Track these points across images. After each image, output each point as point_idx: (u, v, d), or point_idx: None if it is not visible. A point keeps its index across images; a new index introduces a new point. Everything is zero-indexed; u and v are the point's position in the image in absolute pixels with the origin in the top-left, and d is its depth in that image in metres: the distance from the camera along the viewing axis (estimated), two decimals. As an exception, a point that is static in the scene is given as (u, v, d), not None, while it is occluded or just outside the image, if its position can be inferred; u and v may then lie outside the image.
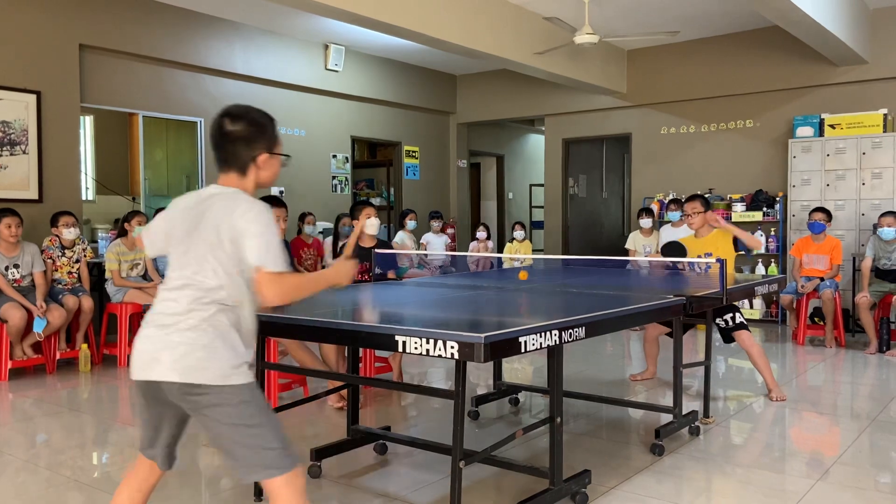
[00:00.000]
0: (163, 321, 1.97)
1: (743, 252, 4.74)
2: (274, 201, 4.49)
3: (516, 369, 5.71)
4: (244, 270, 1.97)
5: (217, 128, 2.07)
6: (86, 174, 7.41)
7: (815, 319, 6.86)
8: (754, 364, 4.69)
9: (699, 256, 4.76)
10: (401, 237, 8.20)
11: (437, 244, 8.54)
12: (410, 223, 8.14)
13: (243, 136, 2.05)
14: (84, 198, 7.04)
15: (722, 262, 3.46)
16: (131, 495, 2.18)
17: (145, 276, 6.12)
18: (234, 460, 1.99)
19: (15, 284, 5.42)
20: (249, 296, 2.01)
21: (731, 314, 4.51)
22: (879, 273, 6.38)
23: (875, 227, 6.49)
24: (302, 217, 7.51)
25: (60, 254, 5.79)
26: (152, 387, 1.99)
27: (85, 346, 5.65)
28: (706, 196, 4.96)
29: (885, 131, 7.27)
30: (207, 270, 1.97)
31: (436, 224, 8.64)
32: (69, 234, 5.75)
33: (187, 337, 1.92)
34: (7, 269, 5.41)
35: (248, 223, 1.95)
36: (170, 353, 1.92)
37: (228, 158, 2.07)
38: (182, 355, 1.91)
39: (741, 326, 4.56)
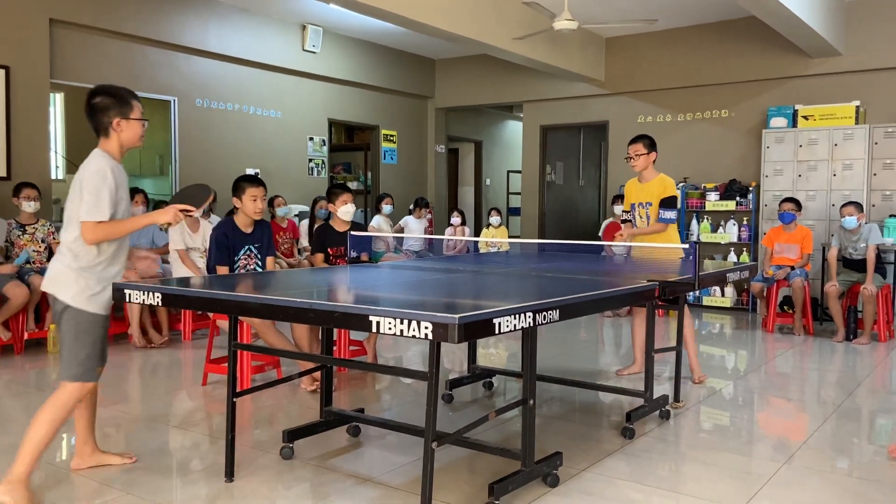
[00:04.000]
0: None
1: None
2: (251, 180, 4.42)
3: (491, 354, 5.74)
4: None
5: (86, 103, 2.76)
6: (56, 152, 7.27)
7: (785, 308, 6.97)
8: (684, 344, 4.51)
9: (640, 204, 4.71)
10: (377, 221, 8.17)
11: (415, 228, 8.53)
12: (386, 207, 8.11)
13: (101, 107, 2.74)
14: (54, 176, 6.91)
15: (694, 245, 3.49)
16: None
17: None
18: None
19: None
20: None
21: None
22: (847, 263, 6.50)
23: (843, 217, 6.59)
24: (271, 201, 7.43)
25: (21, 232, 5.66)
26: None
27: (53, 326, 5.56)
28: (652, 139, 4.78)
29: (856, 123, 7.38)
30: (69, 225, 2.73)
31: (424, 211, 8.61)
32: (28, 207, 5.62)
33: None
34: None
35: (79, 177, 2.70)
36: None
37: (96, 127, 2.78)
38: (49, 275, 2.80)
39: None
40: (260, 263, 4.46)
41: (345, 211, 4.87)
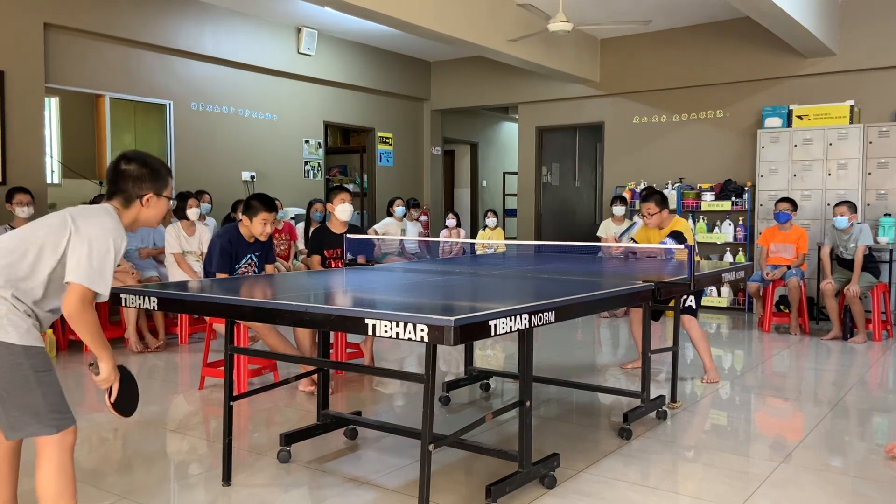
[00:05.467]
0: None
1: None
2: (266, 204, 4.27)
3: (488, 355, 5.74)
4: (57, 271, 2.18)
5: (113, 166, 2.36)
6: (51, 157, 7.26)
7: (781, 307, 6.99)
8: (694, 346, 4.82)
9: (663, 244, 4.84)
10: (385, 223, 8.20)
11: (411, 231, 8.54)
12: (399, 209, 8.14)
13: (134, 176, 2.32)
14: (49, 181, 6.90)
15: (690, 248, 3.50)
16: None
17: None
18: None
19: None
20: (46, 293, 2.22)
21: (684, 297, 4.54)
22: (841, 262, 6.51)
23: (839, 216, 6.61)
24: None
25: None
26: None
27: (50, 331, 5.55)
28: (661, 192, 4.88)
29: (851, 122, 7.40)
30: (27, 258, 2.17)
31: (414, 212, 8.63)
32: (22, 212, 5.62)
33: None
34: None
35: (89, 233, 2.17)
36: None
37: (116, 192, 2.33)
38: None
39: (688, 310, 4.66)
40: (258, 272, 4.46)
41: (342, 210, 4.88)
